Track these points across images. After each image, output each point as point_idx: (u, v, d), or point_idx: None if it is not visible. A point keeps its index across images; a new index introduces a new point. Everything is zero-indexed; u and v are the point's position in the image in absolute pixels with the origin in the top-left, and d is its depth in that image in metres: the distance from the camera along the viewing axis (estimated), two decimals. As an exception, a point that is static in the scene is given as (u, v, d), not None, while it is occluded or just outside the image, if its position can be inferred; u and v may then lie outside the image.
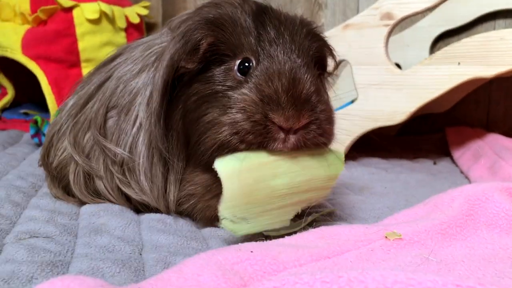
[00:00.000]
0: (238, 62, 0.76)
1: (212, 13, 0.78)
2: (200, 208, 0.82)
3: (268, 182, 0.72)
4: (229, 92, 0.74)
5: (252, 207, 0.71)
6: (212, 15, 0.77)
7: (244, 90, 0.73)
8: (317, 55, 0.82)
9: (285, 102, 0.70)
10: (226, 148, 0.72)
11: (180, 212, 0.85)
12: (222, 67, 0.77)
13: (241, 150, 0.72)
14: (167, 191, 0.83)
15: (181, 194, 0.83)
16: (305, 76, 0.74)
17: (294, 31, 0.78)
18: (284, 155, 0.73)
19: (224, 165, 0.71)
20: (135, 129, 0.84)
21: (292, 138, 0.71)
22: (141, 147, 0.83)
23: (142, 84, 0.85)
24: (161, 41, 0.87)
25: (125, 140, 0.84)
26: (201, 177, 0.80)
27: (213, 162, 0.72)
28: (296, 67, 0.74)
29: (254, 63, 0.75)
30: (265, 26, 0.77)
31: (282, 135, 0.71)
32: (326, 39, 0.86)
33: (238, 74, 0.75)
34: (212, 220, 0.81)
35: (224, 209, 0.70)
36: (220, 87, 0.75)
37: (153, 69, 0.84)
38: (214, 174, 0.75)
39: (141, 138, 0.83)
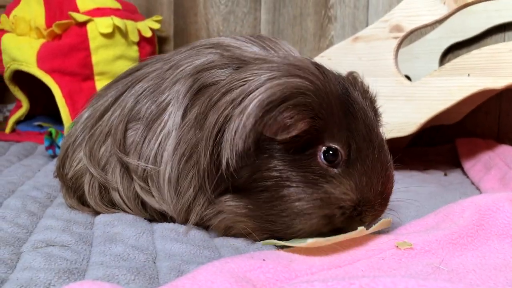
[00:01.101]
0: (323, 148, 0.74)
1: (309, 92, 0.71)
2: (229, 228, 0.83)
3: None
4: (324, 185, 0.73)
5: None
6: (307, 94, 0.71)
7: (343, 188, 0.74)
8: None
9: (378, 204, 0.77)
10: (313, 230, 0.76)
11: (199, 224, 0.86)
12: (309, 151, 0.74)
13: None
14: (192, 206, 0.82)
15: (209, 212, 0.82)
16: (392, 172, 0.79)
17: (373, 107, 0.82)
18: None
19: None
20: (161, 137, 0.83)
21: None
22: (168, 156, 0.81)
23: (175, 95, 0.83)
24: (196, 58, 0.86)
25: (150, 149, 0.83)
26: (242, 205, 0.79)
27: (287, 236, 0.76)
28: (385, 160, 0.77)
29: (343, 154, 0.74)
30: (353, 107, 0.75)
31: (362, 223, 0.76)
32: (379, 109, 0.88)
33: (325, 162, 0.74)
34: (237, 236, 0.83)
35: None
36: (310, 175, 0.73)
37: (190, 80, 0.82)
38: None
39: (168, 147, 0.82)
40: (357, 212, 0.75)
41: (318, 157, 0.74)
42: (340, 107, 0.74)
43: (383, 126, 0.87)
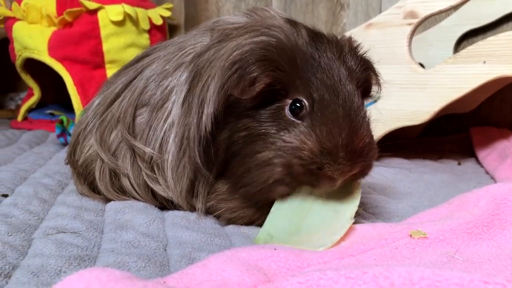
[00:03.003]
0: (289, 102, 0.74)
1: (269, 44, 0.73)
2: (229, 218, 0.84)
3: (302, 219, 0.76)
4: (284, 135, 0.73)
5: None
6: (269, 49, 0.73)
7: (302, 137, 0.72)
8: (366, 84, 0.82)
9: (343, 157, 0.71)
10: (276, 184, 0.75)
11: (206, 210, 0.86)
12: (275, 105, 0.75)
13: (292, 186, 0.75)
14: (194, 196, 0.85)
15: (209, 201, 0.84)
16: (363, 125, 0.74)
17: (348, 63, 0.77)
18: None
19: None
20: (166, 126, 0.84)
21: (338, 183, 0.73)
22: (171, 145, 0.83)
23: (177, 82, 0.85)
24: (195, 41, 0.88)
25: (156, 137, 0.85)
26: (245, 210, 0.82)
27: (258, 193, 0.77)
28: (353, 112, 0.73)
29: (307, 105, 0.73)
30: (320, 62, 0.74)
31: (331, 182, 0.73)
32: (375, 66, 0.85)
33: (291, 115, 0.74)
34: (239, 224, 0.85)
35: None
36: (274, 127, 0.74)
37: (190, 68, 0.83)
38: (254, 205, 0.81)
39: (172, 136, 0.83)
40: (318, 164, 0.71)
41: (286, 111, 0.74)
42: (306, 60, 0.74)
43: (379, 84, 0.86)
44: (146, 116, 0.86)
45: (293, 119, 0.74)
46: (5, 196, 0.95)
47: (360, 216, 0.91)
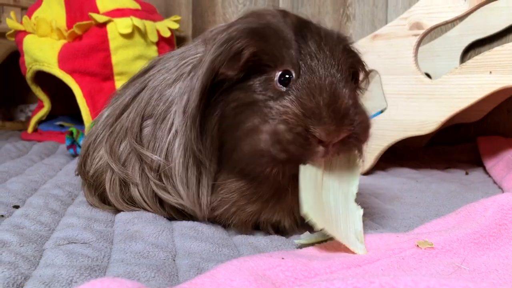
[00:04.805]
0: (279, 73, 0.76)
1: (255, 23, 0.79)
2: (235, 212, 0.84)
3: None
4: (270, 103, 0.75)
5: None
6: (255, 25, 0.78)
7: (286, 102, 0.74)
8: (352, 70, 0.84)
9: (326, 116, 0.72)
10: (265, 157, 0.74)
11: (214, 218, 0.87)
12: (263, 76, 0.78)
13: (280, 160, 0.73)
14: (200, 194, 0.85)
15: (215, 199, 0.84)
16: (344, 90, 0.75)
17: (333, 46, 0.79)
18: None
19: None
20: (170, 136, 0.85)
21: (331, 151, 0.73)
22: (177, 153, 0.84)
23: (178, 92, 0.86)
24: (196, 51, 0.89)
25: (161, 147, 0.86)
26: (236, 184, 0.82)
27: (248, 168, 0.77)
28: (335, 81, 0.75)
29: (294, 76, 0.76)
30: (306, 40, 0.78)
31: (321, 148, 0.73)
32: (359, 54, 0.87)
33: (279, 85, 0.76)
34: (247, 224, 0.85)
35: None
36: (261, 96, 0.76)
37: (189, 78, 0.85)
38: (248, 180, 0.80)
39: (176, 144, 0.84)
40: (303, 126, 0.72)
41: (275, 82, 0.76)
42: (292, 37, 0.77)
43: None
44: (151, 127, 0.88)
45: (281, 88, 0.76)
46: (17, 207, 0.96)
47: (367, 226, 0.91)
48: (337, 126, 0.72)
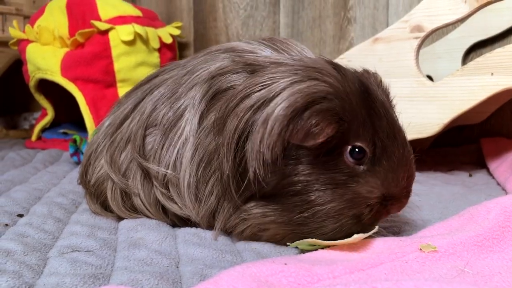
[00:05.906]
0: (349, 148, 0.75)
1: (331, 95, 0.71)
2: (255, 233, 0.83)
3: None
4: (350, 185, 0.75)
5: None
6: (331, 101, 0.71)
7: (370, 186, 0.75)
8: None
9: (404, 196, 0.79)
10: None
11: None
12: (335, 152, 0.75)
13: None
14: (216, 214, 0.83)
15: (233, 218, 0.82)
16: (413, 164, 0.80)
17: (391, 109, 0.81)
18: None
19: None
20: (180, 144, 0.84)
21: None
22: (187, 163, 0.82)
23: (190, 102, 0.84)
24: (209, 65, 0.87)
25: (169, 155, 0.85)
26: (268, 208, 0.79)
27: (321, 237, 0.76)
28: (409, 157, 0.79)
29: (368, 152, 0.75)
30: (373, 109, 0.76)
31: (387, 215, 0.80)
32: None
33: (352, 161, 0.75)
34: (259, 240, 0.83)
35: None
36: (338, 177, 0.74)
37: (204, 86, 0.83)
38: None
39: (186, 153, 0.83)
40: (383, 206, 0.77)
41: (345, 157, 0.75)
42: (362, 105, 0.75)
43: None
44: (157, 137, 0.87)
45: (355, 165, 0.75)
46: (21, 216, 0.97)
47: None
48: (406, 200, 0.80)
